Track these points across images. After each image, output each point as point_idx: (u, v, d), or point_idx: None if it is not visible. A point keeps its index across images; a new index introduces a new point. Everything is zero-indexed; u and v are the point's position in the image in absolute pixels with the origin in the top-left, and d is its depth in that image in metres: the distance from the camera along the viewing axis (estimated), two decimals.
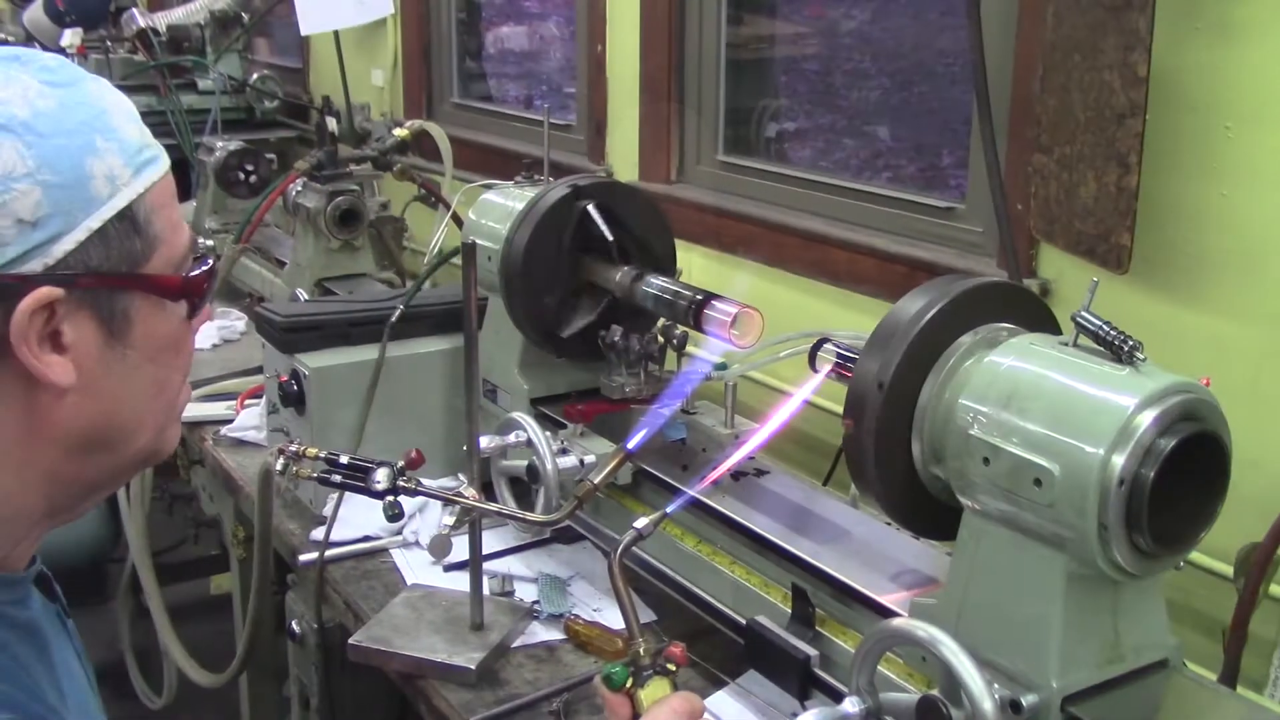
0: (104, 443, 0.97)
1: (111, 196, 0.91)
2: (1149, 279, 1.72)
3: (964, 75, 2.35)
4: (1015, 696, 1.19)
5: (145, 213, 0.94)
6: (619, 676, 1.16)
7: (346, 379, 2.11)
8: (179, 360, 1.02)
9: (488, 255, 2.02)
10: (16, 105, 0.88)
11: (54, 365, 0.90)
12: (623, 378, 1.92)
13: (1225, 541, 1.51)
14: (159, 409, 1.01)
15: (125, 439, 0.99)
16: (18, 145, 0.87)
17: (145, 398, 0.99)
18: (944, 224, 2.19)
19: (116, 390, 0.96)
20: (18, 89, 0.89)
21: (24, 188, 0.87)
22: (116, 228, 0.92)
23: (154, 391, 1.00)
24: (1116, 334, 1.18)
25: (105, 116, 0.93)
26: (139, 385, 0.98)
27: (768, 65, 2.87)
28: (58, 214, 0.88)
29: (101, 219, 0.91)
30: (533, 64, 3.96)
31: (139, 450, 1.01)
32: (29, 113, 0.88)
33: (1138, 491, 1.13)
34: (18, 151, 0.87)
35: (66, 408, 0.93)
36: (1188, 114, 1.66)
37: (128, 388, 0.97)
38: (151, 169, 0.96)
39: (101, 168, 0.91)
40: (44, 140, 0.88)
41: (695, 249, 2.58)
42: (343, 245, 2.91)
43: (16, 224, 0.87)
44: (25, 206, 0.87)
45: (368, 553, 1.99)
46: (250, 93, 4.17)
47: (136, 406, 0.98)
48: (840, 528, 1.61)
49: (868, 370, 1.33)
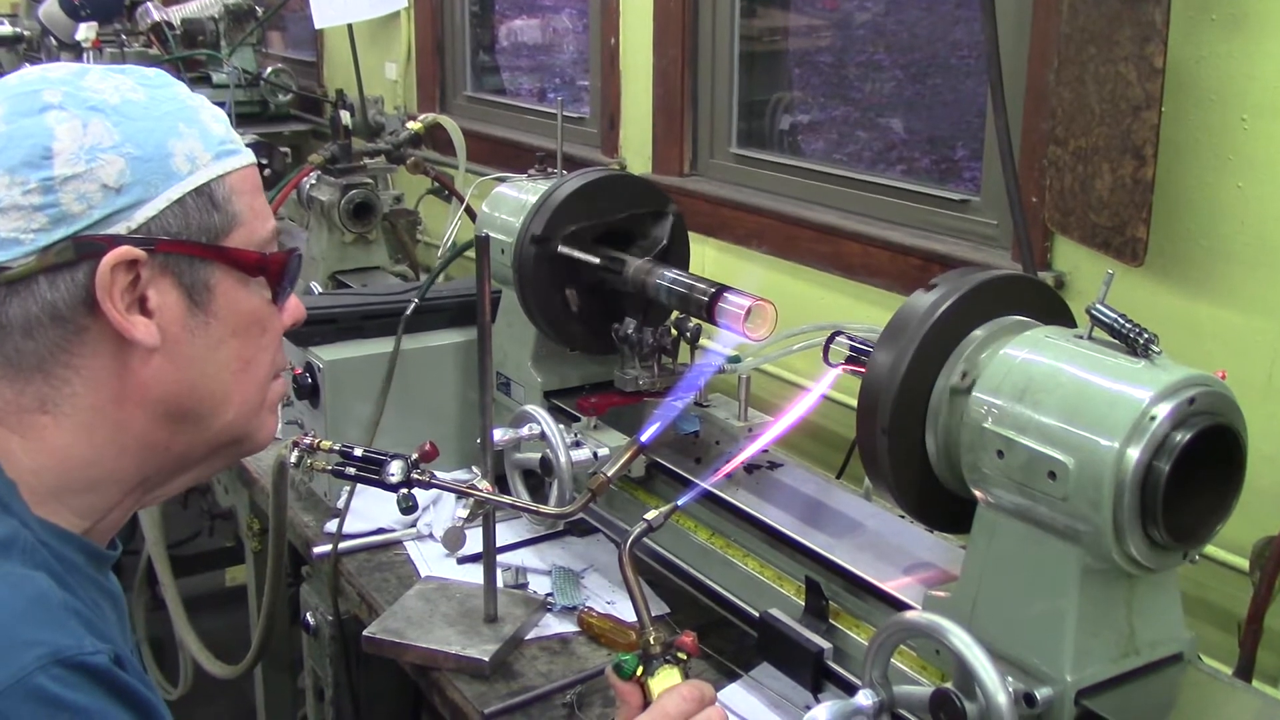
0: (191, 412, 1.02)
1: (191, 173, 0.99)
2: (1164, 272, 1.72)
3: (978, 67, 2.34)
4: (1029, 690, 1.18)
5: (224, 192, 1.01)
6: (629, 665, 1.16)
7: (361, 372, 2.12)
8: (265, 340, 1.07)
9: (501, 248, 2.02)
10: (109, 94, 0.98)
11: (138, 324, 0.97)
12: (636, 370, 1.92)
13: (1241, 535, 1.50)
14: (246, 387, 1.06)
15: (211, 411, 1.04)
16: (106, 123, 0.96)
17: (229, 371, 1.04)
18: (958, 216, 2.18)
19: (200, 358, 1.01)
20: (114, 83, 0.99)
21: (109, 157, 0.96)
22: (195, 201, 1.00)
23: (238, 366, 1.05)
24: (1132, 327, 1.17)
25: (192, 111, 1.02)
26: (222, 357, 1.03)
27: (781, 58, 2.86)
28: (139, 183, 0.97)
29: (181, 190, 0.99)
30: (546, 57, 3.96)
31: (227, 427, 1.05)
32: (119, 99, 0.98)
33: (1153, 485, 1.13)
34: (105, 128, 0.96)
35: (153, 370, 0.99)
36: (1204, 106, 1.65)
37: (211, 357, 1.02)
38: (232, 158, 1.03)
39: (182, 148, 0.99)
40: (130, 121, 0.98)
41: (709, 241, 2.58)
42: (356, 238, 2.91)
43: (102, 189, 0.95)
44: (110, 174, 0.95)
45: (382, 545, 2.00)
46: (264, 86, 4.18)
47: (222, 378, 1.04)
48: (854, 521, 1.61)
49: (881, 363, 1.33)
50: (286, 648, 2.57)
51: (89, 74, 0.99)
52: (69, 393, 0.98)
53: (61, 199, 0.94)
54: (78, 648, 0.87)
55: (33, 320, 0.95)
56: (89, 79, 0.99)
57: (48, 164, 0.94)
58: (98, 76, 0.99)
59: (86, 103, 0.97)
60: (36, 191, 0.94)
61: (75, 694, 0.85)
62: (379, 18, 3.74)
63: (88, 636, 0.88)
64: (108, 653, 0.88)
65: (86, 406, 0.98)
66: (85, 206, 0.95)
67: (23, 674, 0.83)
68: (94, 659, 0.87)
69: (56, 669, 0.85)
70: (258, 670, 2.60)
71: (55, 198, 0.94)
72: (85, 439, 0.99)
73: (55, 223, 0.94)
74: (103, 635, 0.91)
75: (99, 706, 0.86)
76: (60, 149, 0.94)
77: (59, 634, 0.87)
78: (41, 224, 0.94)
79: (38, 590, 0.90)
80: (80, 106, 0.96)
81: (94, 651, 0.87)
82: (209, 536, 3.81)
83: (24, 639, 0.85)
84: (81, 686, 0.86)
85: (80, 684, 0.86)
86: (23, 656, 0.84)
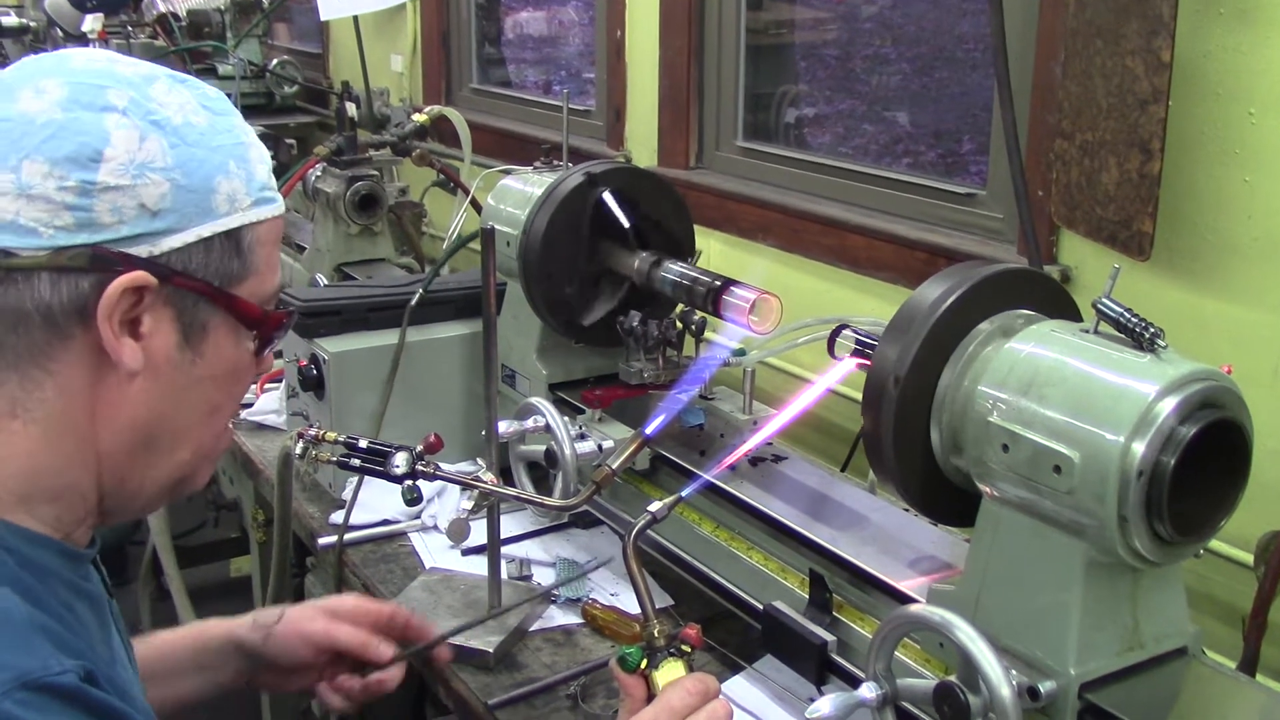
0: (155, 442, 1.01)
1: (228, 214, 0.99)
2: (1171, 266, 1.71)
3: (985, 60, 2.34)
4: (1033, 683, 1.18)
5: (251, 241, 1.01)
6: (633, 658, 1.17)
7: (366, 364, 2.12)
8: (235, 390, 1.07)
9: (506, 240, 2.02)
10: (173, 111, 0.97)
11: (126, 347, 0.95)
12: (641, 363, 1.93)
13: (1245, 529, 1.50)
14: (207, 433, 1.06)
15: (171, 446, 1.03)
16: (163, 142, 0.95)
17: (198, 414, 1.04)
18: (964, 210, 2.18)
19: (176, 393, 1.00)
20: (179, 99, 0.99)
21: (156, 178, 0.94)
22: (223, 243, 0.99)
23: (206, 410, 1.04)
24: (1138, 321, 1.17)
25: (244, 149, 1.02)
26: (196, 398, 1.03)
27: (787, 50, 2.86)
28: (175, 211, 0.96)
29: (213, 229, 0.98)
30: (551, 49, 3.96)
31: (178, 465, 1.05)
32: (181, 120, 0.97)
33: (1158, 479, 1.13)
34: (161, 147, 0.95)
35: (128, 393, 0.98)
36: (1211, 100, 1.64)
37: (186, 396, 1.01)
38: (268, 207, 1.03)
39: (227, 187, 0.99)
40: (186, 147, 0.97)
41: (714, 235, 2.58)
42: (362, 230, 2.92)
43: (139, 208, 0.94)
44: (152, 195, 0.94)
45: (386, 536, 2.00)
46: (270, 78, 4.18)
47: (189, 418, 1.03)
48: (858, 514, 1.61)
49: (886, 357, 1.33)
50: None
51: (156, 83, 0.98)
52: (40, 397, 0.95)
53: (96, 206, 0.92)
54: (44, 669, 0.84)
55: (23, 315, 0.93)
56: (156, 88, 0.97)
57: (94, 167, 0.92)
58: (164, 88, 0.98)
59: (150, 115, 0.95)
60: (73, 191, 0.92)
61: (44, 716, 0.82)
62: (385, 10, 3.73)
63: (55, 655, 0.86)
64: (76, 670, 0.86)
65: (56, 413, 0.96)
66: (116, 220, 0.93)
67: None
68: (61, 679, 0.84)
69: (22, 693, 0.82)
70: None
71: (90, 203, 0.92)
72: (52, 447, 0.97)
73: (81, 227, 0.92)
74: (73, 649, 0.89)
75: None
76: (112, 155, 0.92)
77: (23, 656, 0.85)
78: (66, 223, 0.92)
79: (0, 611, 0.87)
80: (143, 117, 0.95)
81: (61, 671, 0.85)
82: (214, 527, 3.81)
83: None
84: (50, 709, 0.83)
85: (48, 706, 0.83)
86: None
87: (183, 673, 1.40)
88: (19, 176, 0.91)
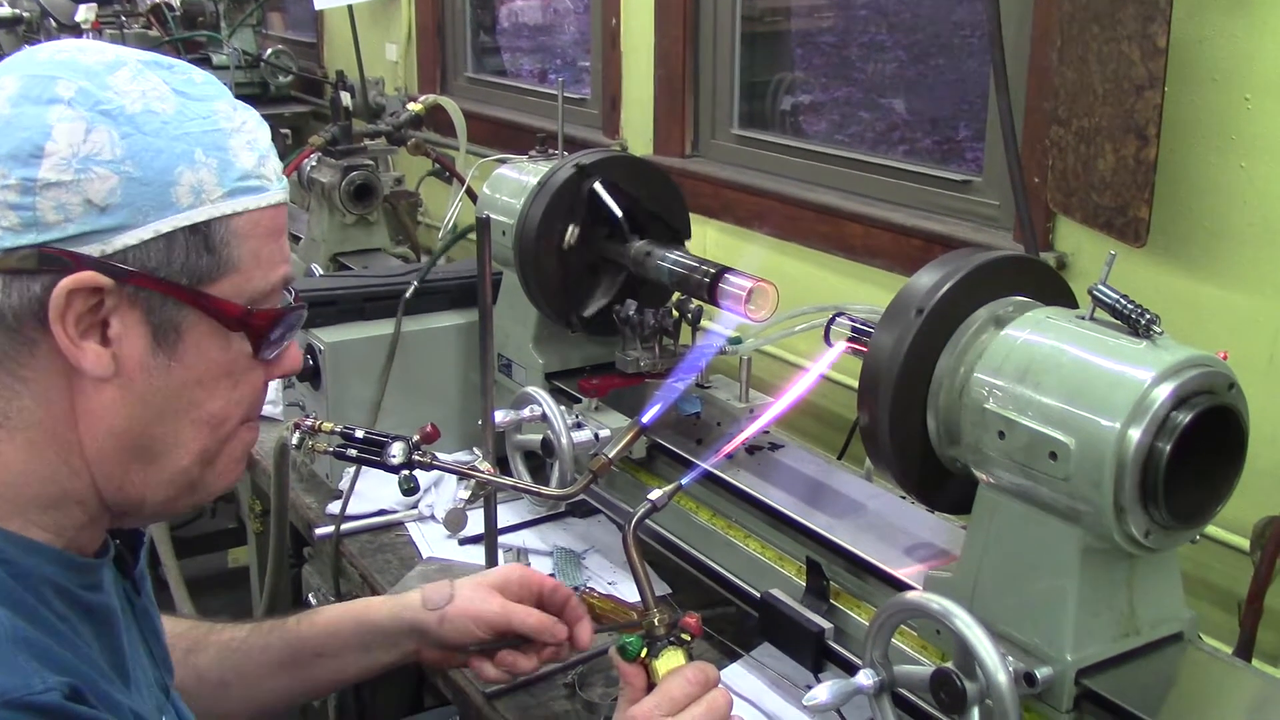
0: (143, 451, 0.97)
1: (191, 207, 0.92)
2: (1167, 252, 1.71)
3: (981, 47, 2.33)
4: (1030, 669, 1.19)
5: (225, 234, 0.94)
6: (633, 647, 1.17)
7: (362, 354, 2.12)
8: (236, 393, 1.00)
9: (502, 230, 2.02)
10: (131, 99, 0.91)
11: (89, 353, 0.91)
12: (637, 352, 1.92)
13: (1241, 515, 1.50)
14: (203, 436, 0.99)
15: (164, 454, 0.98)
16: (113, 133, 0.89)
17: (187, 420, 0.97)
18: (960, 197, 2.18)
19: (157, 400, 0.95)
20: (142, 87, 0.92)
21: (102, 172, 0.88)
22: (187, 239, 0.92)
23: (196, 415, 0.98)
24: (1134, 307, 1.17)
25: (220, 136, 0.94)
26: (180, 404, 0.96)
27: (783, 38, 2.85)
28: (127, 206, 0.89)
29: (172, 224, 0.91)
30: (547, 38, 3.95)
31: (180, 473, 0.99)
32: (140, 108, 0.90)
33: (1154, 465, 1.13)
34: (110, 138, 0.89)
35: (105, 400, 0.93)
36: (1207, 85, 1.64)
37: (169, 402, 0.96)
38: (250, 196, 0.96)
39: (191, 178, 0.92)
40: (141, 136, 0.90)
41: (710, 223, 2.57)
42: (357, 220, 2.91)
43: (85, 204, 0.88)
44: (98, 190, 0.88)
45: (383, 526, 2.00)
46: (264, 68, 4.17)
47: (176, 423, 0.97)
48: (855, 501, 1.61)
49: (883, 344, 1.32)
50: None
51: (120, 70, 0.92)
52: (19, 406, 0.92)
53: (39, 204, 0.87)
54: (25, 687, 0.82)
55: None
56: (118, 77, 0.91)
57: (35, 163, 0.87)
58: (128, 75, 0.92)
59: (99, 104, 0.89)
60: (15, 189, 0.87)
61: None
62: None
63: (38, 673, 0.84)
64: (60, 688, 0.84)
65: (36, 422, 0.92)
66: (61, 218, 0.88)
67: None
68: (42, 698, 0.82)
69: (2, 712, 0.80)
70: None
71: (32, 200, 0.87)
72: (37, 456, 0.93)
73: (26, 226, 0.87)
74: (62, 665, 0.87)
75: None
76: (53, 150, 0.87)
77: (3, 674, 0.82)
78: (11, 223, 0.87)
79: None
80: (90, 108, 0.89)
81: (43, 690, 0.83)
82: (211, 518, 3.82)
83: None
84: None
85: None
86: None
87: (348, 650, 1.39)
88: None
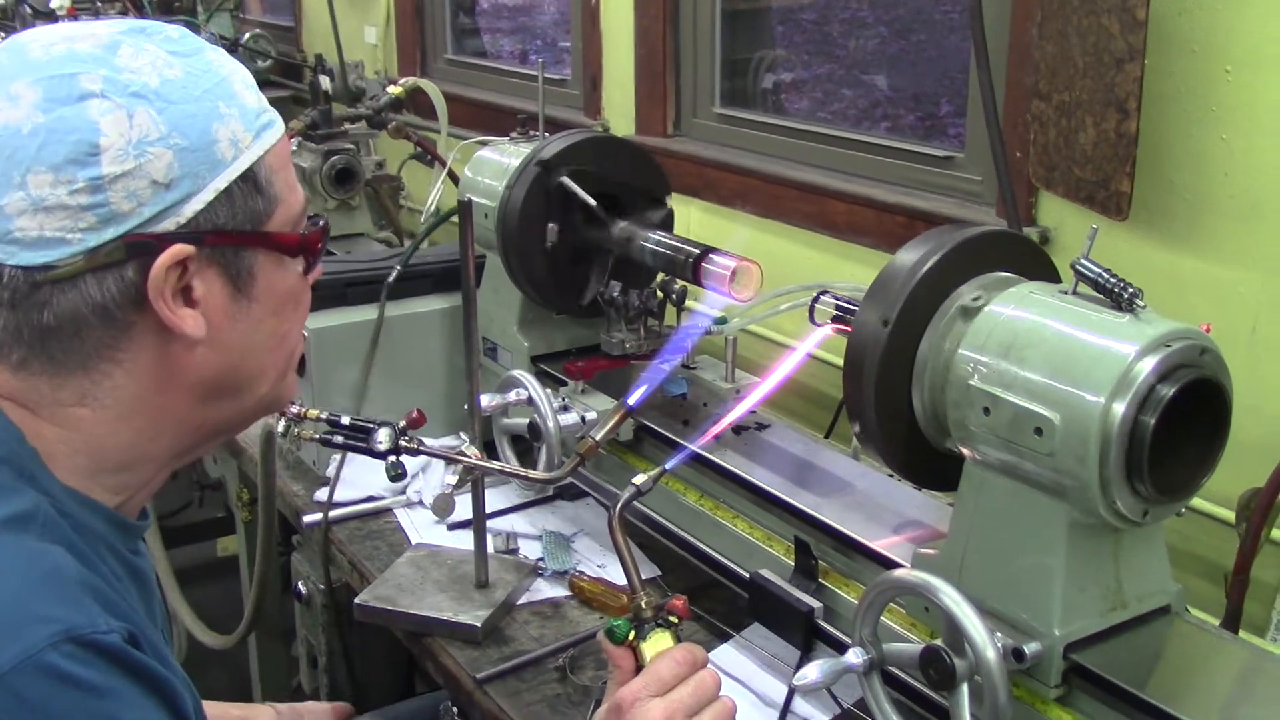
0: (231, 389, 1.03)
1: (235, 159, 0.97)
2: (1149, 225, 1.71)
3: (962, 23, 2.33)
4: (1018, 645, 1.19)
5: (266, 173, 1.00)
6: (621, 630, 1.17)
7: (346, 340, 2.11)
8: (298, 313, 1.08)
9: (484, 213, 2.01)
10: (148, 74, 0.94)
11: (187, 318, 0.96)
12: (622, 334, 1.92)
13: (1226, 487, 1.51)
14: (280, 359, 1.07)
15: (250, 386, 1.05)
16: (150, 111, 0.92)
17: (267, 349, 1.05)
18: (943, 173, 2.17)
19: (242, 341, 1.01)
20: (148, 59, 0.95)
21: (158, 150, 0.92)
22: (241, 188, 0.98)
23: (275, 343, 1.05)
24: (1116, 281, 1.17)
25: (226, 84, 0.99)
26: (262, 337, 1.03)
27: (764, 15, 2.84)
28: (188, 176, 0.94)
29: (228, 179, 0.96)
30: (526, 18, 3.93)
31: (261, 398, 1.07)
32: (159, 81, 0.94)
33: (1139, 439, 1.13)
34: (150, 117, 0.92)
35: (197, 357, 0.99)
36: (1187, 58, 1.64)
37: (252, 339, 1.02)
38: (269, 132, 1.01)
39: (225, 132, 0.96)
40: (174, 106, 0.94)
41: (693, 202, 2.57)
42: (339, 205, 2.90)
43: (152, 185, 0.93)
44: (159, 169, 0.93)
45: (372, 513, 2.00)
46: (242, 52, 4.13)
47: (260, 357, 1.04)
48: (842, 480, 1.62)
49: (868, 321, 1.32)
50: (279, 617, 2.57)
51: (121, 49, 0.94)
52: (110, 386, 0.97)
53: (111, 198, 0.91)
54: (91, 625, 0.86)
55: (81, 321, 0.93)
56: (123, 56, 0.94)
57: (95, 161, 0.90)
58: (130, 51, 0.94)
59: (128, 88, 0.92)
60: (84, 191, 0.90)
61: (87, 671, 0.84)
62: None
63: (102, 615, 0.88)
64: (121, 631, 0.88)
65: (128, 397, 0.98)
66: (135, 204, 0.92)
67: (34, 650, 0.83)
68: (107, 638, 0.86)
69: (68, 646, 0.84)
70: (251, 640, 2.60)
71: (104, 197, 0.91)
72: (124, 426, 0.99)
73: (105, 222, 0.91)
74: (120, 613, 0.91)
75: (111, 684, 0.86)
76: (108, 144, 0.91)
77: (72, 611, 0.86)
78: (90, 223, 0.91)
79: (53, 565, 0.89)
80: (123, 94, 0.92)
81: (107, 630, 0.87)
82: (199, 507, 3.81)
83: (37, 615, 0.85)
84: (94, 664, 0.85)
85: (92, 661, 0.85)
86: (35, 633, 0.84)
87: None
88: (28, 192, 0.90)
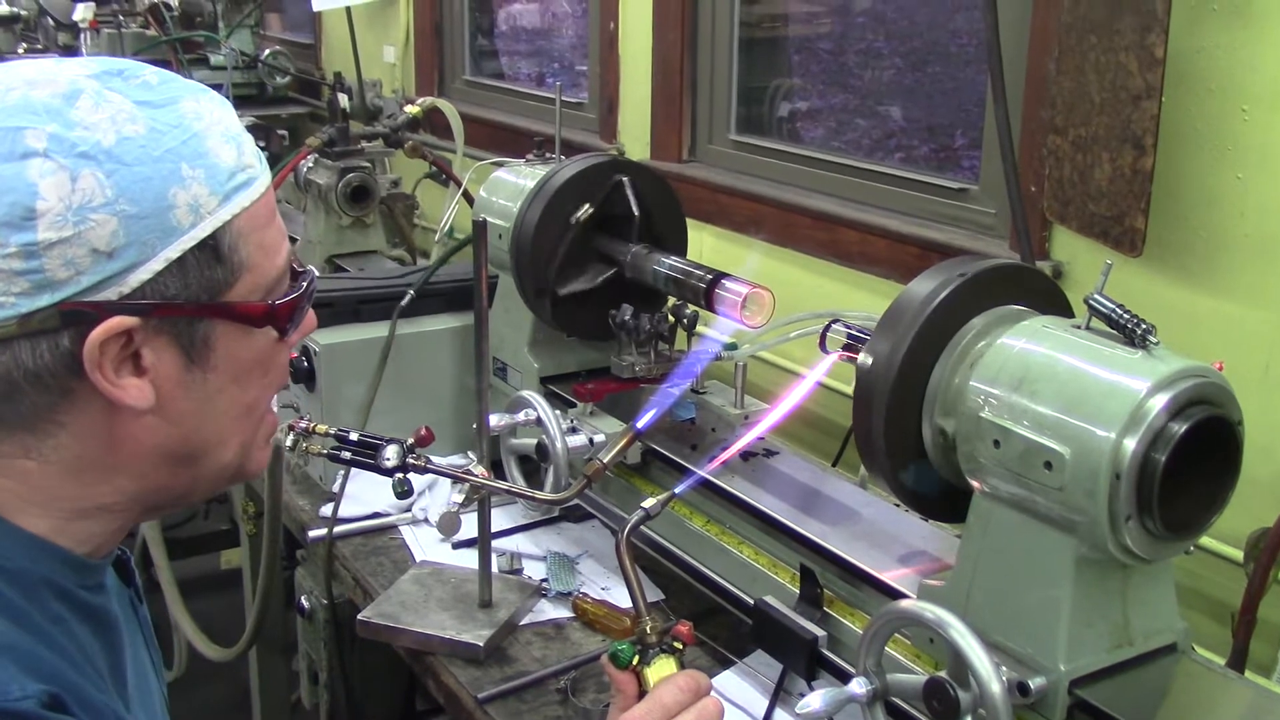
0: (187, 457, 0.97)
1: (194, 226, 0.89)
2: (1163, 262, 1.71)
3: (978, 55, 2.34)
4: (1023, 679, 1.19)
5: (231, 239, 0.92)
6: (625, 654, 1.16)
7: (357, 356, 2.12)
8: (268, 379, 1.01)
9: (499, 233, 2.02)
10: (103, 131, 0.86)
11: (130, 388, 0.90)
12: (633, 357, 1.92)
13: (1236, 526, 1.50)
14: (245, 427, 1.00)
15: (210, 454, 0.98)
16: (98, 174, 0.85)
17: (229, 417, 0.98)
18: (956, 205, 2.18)
19: (196, 411, 0.95)
20: (108, 112, 0.87)
21: (100, 218, 0.85)
22: (197, 257, 0.90)
23: (238, 412, 0.99)
24: (1129, 317, 1.17)
25: (197, 141, 0.91)
26: (220, 406, 0.97)
27: (781, 44, 2.85)
28: (134, 244, 0.87)
29: (181, 249, 0.89)
30: (545, 41, 3.95)
31: (224, 466, 1.00)
32: (114, 139, 0.87)
33: (1149, 476, 1.13)
34: (97, 180, 0.85)
35: (146, 425, 0.92)
36: (1204, 96, 1.64)
37: (208, 409, 0.96)
38: (242, 193, 0.93)
39: (185, 197, 0.89)
40: (125, 169, 0.86)
41: (707, 228, 2.57)
42: (354, 222, 2.91)
43: (92, 253, 0.85)
44: (101, 237, 0.85)
45: (377, 529, 2.00)
46: (262, 68, 4.17)
47: (219, 426, 0.98)
48: (849, 509, 1.61)
49: (879, 352, 1.32)
50: (281, 631, 2.57)
51: (80, 100, 0.87)
52: (54, 444, 0.91)
53: (46, 265, 0.84)
54: (1, 693, 0.80)
55: (14, 384, 0.87)
56: (80, 109, 0.86)
57: (30, 226, 0.83)
58: (90, 103, 0.87)
59: (75, 148, 0.85)
60: (17, 256, 0.83)
61: None
62: (377, 0, 3.72)
63: (17, 679, 0.82)
64: (39, 696, 0.82)
65: (72, 457, 0.92)
66: (73, 273, 0.85)
67: None
68: (18, 705, 0.80)
69: None
70: (252, 653, 2.60)
71: (39, 263, 0.84)
72: (74, 481, 0.93)
73: (39, 289, 0.85)
74: (47, 672, 0.85)
75: None
76: (45, 209, 0.83)
77: None
78: (23, 289, 0.84)
79: None
80: (69, 154, 0.85)
81: (20, 697, 0.81)
82: (204, 519, 3.81)
83: None
84: None
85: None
86: None
87: None
88: None
